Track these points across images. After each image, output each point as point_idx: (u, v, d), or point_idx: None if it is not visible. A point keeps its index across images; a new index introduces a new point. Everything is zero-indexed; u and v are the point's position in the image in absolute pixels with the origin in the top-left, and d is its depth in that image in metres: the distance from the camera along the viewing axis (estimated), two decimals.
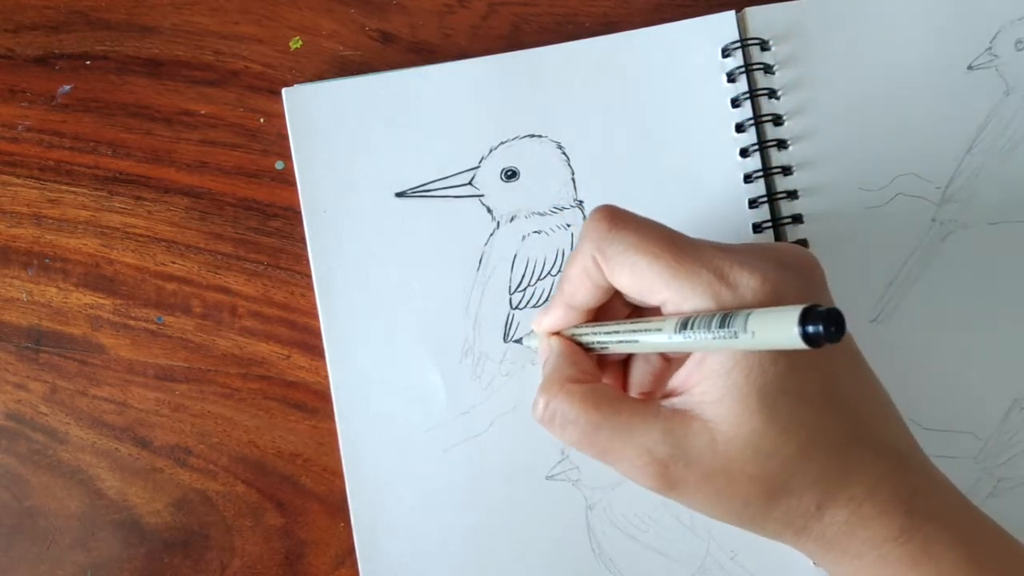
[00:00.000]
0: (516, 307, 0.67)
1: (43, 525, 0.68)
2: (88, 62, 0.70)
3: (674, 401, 0.52)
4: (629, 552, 0.66)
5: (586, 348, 0.58)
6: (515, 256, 0.67)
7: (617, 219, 0.53)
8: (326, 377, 0.68)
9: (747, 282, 0.49)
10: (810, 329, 0.41)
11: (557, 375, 0.55)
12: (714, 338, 0.47)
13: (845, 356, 0.54)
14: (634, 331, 0.53)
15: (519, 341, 0.68)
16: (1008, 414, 0.66)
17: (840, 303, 0.65)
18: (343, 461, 0.67)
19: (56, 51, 0.70)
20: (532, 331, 0.62)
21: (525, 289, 0.67)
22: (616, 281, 0.53)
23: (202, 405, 0.69)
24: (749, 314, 0.45)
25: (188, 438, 0.69)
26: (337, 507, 0.68)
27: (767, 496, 0.50)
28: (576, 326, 0.58)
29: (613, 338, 0.55)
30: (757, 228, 0.66)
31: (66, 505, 0.68)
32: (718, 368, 0.50)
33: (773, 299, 0.49)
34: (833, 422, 0.51)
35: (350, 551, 0.67)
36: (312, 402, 0.69)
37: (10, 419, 0.69)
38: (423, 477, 0.67)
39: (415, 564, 0.66)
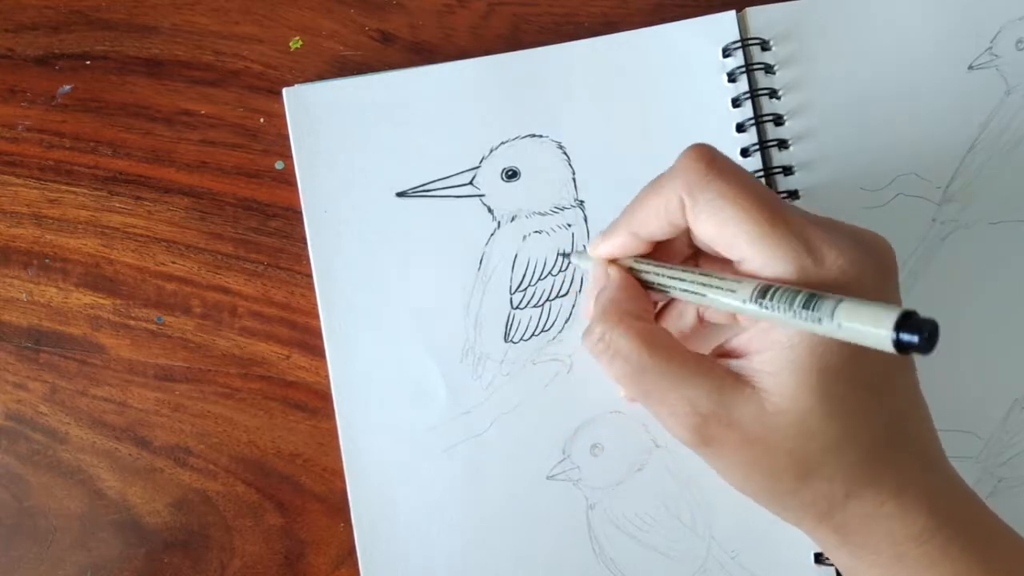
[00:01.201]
0: (517, 307, 0.67)
1: (43, 525, 0.68)
2: (88, 62, 0.70)
3: (731, 363, 0.52)
4: (630, 552, 0.66)
5: (644, 284, 0.57)
6: (516, 256, 0.67)
7: (716, 163, 0.52)
8: (326, 377, 0.68)
9: (835, 260, 0.49)
10: (904, 337, 0.41)
11: (617, 307, 0.54)
12: (794, 316, 0.46)
13: (900, 359, 0.53)
14: (705, 284, 0.52)
15: (567, 255, 0.68)
16: (1009, 414, 0.66)
17: None
18: (344, 461, 0.67)
19: (56, 51, 0.70)
20: (581, 251, 0.61)
21: (526, 289, 0.67)
22: (698, 226, 0.52)
23: (202, 405, 0.69)
24: (840, 302, 0.44)
25: (188, 438, 0.69)
26: (337, 507, 0.68)
27: (800, 475, 0.50)
28: (637, 259, 0.57)
29: (679, 284, 0.54)
30: None
31: (66, 505, 0.68)
32: (784, 340, 0.49)
33: (856, 282, 0.49)
34: (878, 416, 0.51)
35: (350, 551, 0.67)
36: (312, 402, 0.69)
37: (10, 419, 0.69)
38: (424, 477, 0.67)
39: (416, 564, 0.66)
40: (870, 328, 0.43)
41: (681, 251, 0.58)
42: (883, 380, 0.51)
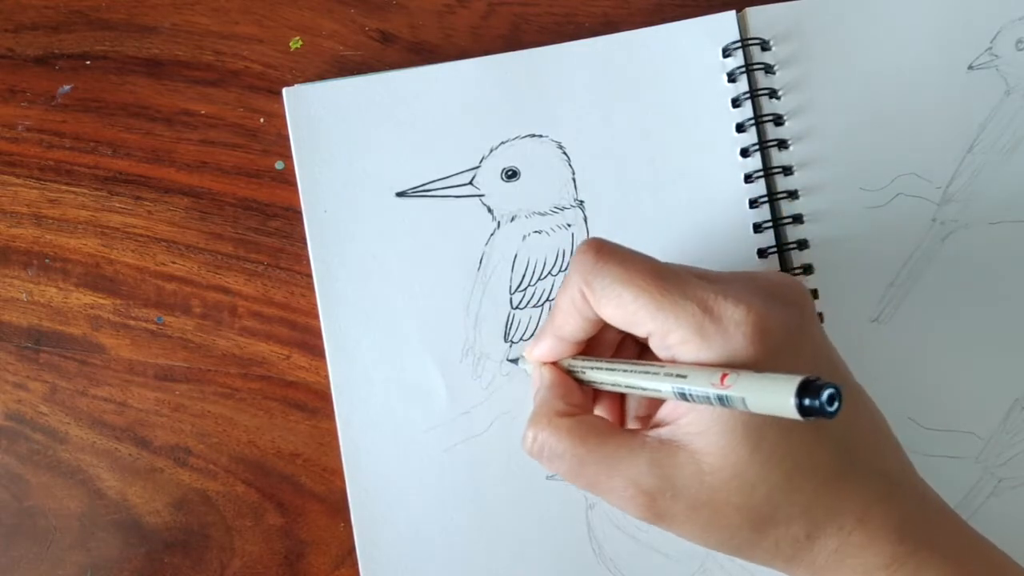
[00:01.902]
0: (517, 307, 0.67)
1: (43, 525, 0.68)
2: (88, 62, 0.70)
3: (661, 432, 0.52)
4: (629, 552, 0.66)
5: (577, 377, 0.58)
6: (516, 256, 0.67)
7: (603, 252, 0.53)
8: (326, 377, 0.68)
9: (731, 314, 0.50)
10: (806, 402, 0.42)
11: (546, 408, 0.56)
12: (713, 408, 0.48)
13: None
14: (630, 380, 0.53)
15: (515, 361, 0.68)
16: (1009, 413, 0.66)
17: (841, 303, 0.65)
18: (343, 461, 0.67)
19: (56, 51, 0.70)
20: (524, 356, 0.62)
21: (525, 289, 0.67)
22: (603, 313, 0.53)
23: (202, 405, 0.69)
24: (744, 397, 0.45)
25: (188, 438, 0.69)
26: (337, 507, 0.68)
27: (754, 526, 0.50)
28: (572, 358, 0.58)
29: (606, 378, 0.55)
30: (757, 228, 0.66)
31: (66, 505, 0.68)
32: None
33: (758, 331, 0.49)
34: (821, 452, 0.51)
35: (350, 551, 0.67)
36: (312, 402, 0.69)
37: (10, 419, 0.69)
38: (424, 477, 0.67)
39: (416, 564, 0.67)
40: (775, 405, 0.43)
41: (611, 341, 0.59)
42: (819, 424, 0.52)
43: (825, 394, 0.42)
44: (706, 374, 0.48)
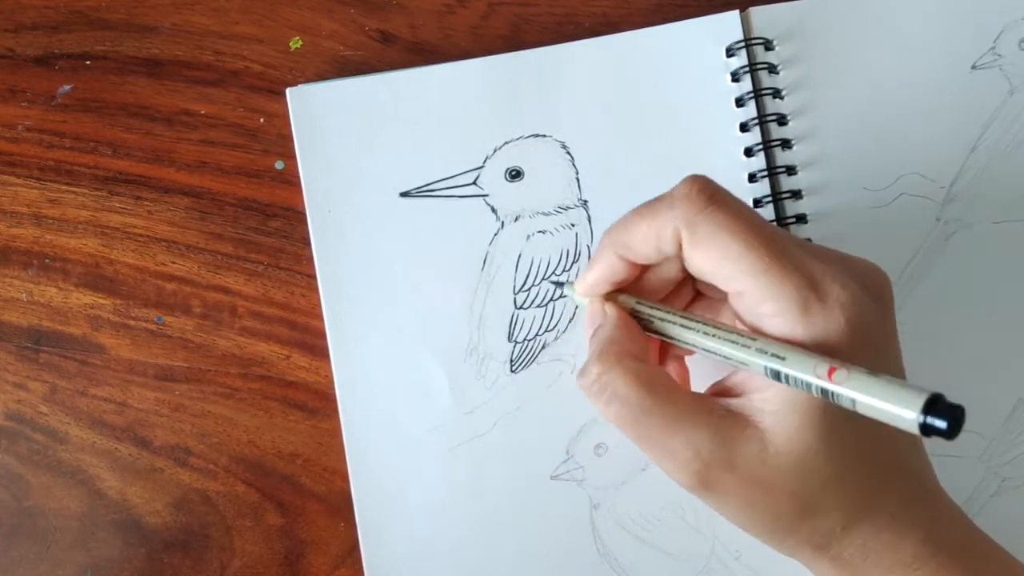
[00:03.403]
0: (520, 307, 0.67)
1: (43, 525, 0.68)
2: (88, 62, 0.70)
3: (731, 402, 0.51)
4: (634, 552, 0.66)
5: (643, 325, 0.55)
6: (519, 256, 0.67)
7: (716, 196, 0.51)
8: (326, 377, 0.68)
9: (838, 295, 0.48)
10: (931, 421, 0.41)
11: (616, 347, 0.53)
12: (812, 394, 0.47)
13: None
14: (715, 345, 0.51)
15: (560, 284, 0.67)
16: (1013, 413, 0.66)
17: None
18: (348, 461, 0.67)
19: (56, 51, 0.70)
20: (571, 283, 0.60)
21: (529, 289, 0.67)
22: (695, 259, 0.51)
23: (202, 405, 0.69)
24: (854, 399, 0.44)
25: (188, 438, 0.69)
26: (337, 507, 0.68)
27: (799, 513, 0.50)
28: (639, 302, 0.55)
29: (688, 336, 0.53)
30: None
31: (66, 505, 0.68)
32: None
33: (859, 319, 0.48)
34: (872, 449, 0.50)
35: (350, 551, 0.68)
36: (312, 402, 0.69)
37: (10, 419, 0.68)
38: (427, 477, 0.67)
39: (419, 563, 0.67)
40: (895, 413, 0.43)
41: (671, 276, 0.56)
42: (879, 426, 0.51)
43: (950, 415, 0.41)
44: (810, 361, 0.47)
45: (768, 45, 0.67)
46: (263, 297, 0.69)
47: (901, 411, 0.42)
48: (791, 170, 0.67)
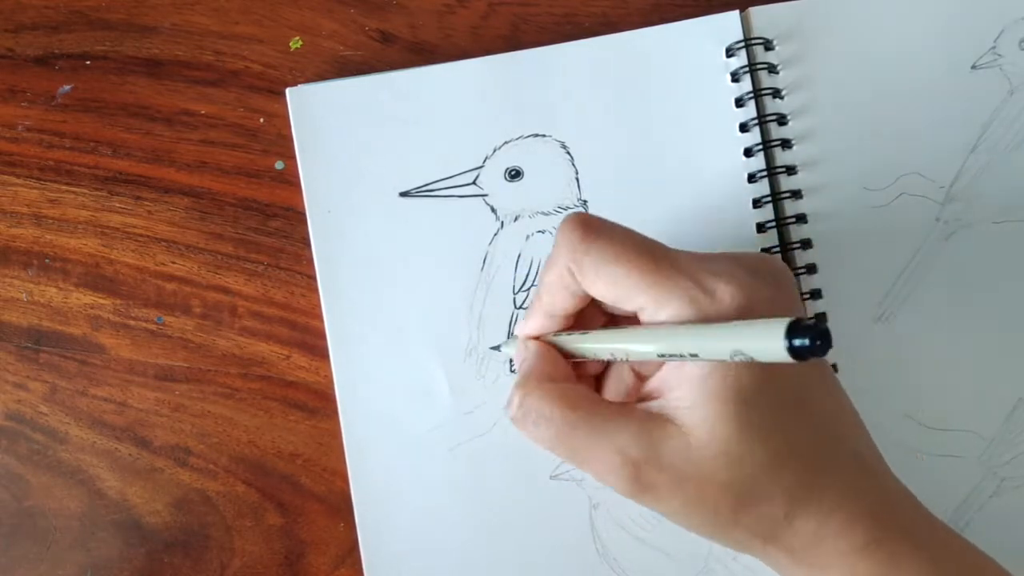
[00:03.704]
0: (520, 307, 0.67)
1: (43, 525, 0.68)
2: (88, 62, 0.70)
3: (650, 405, 0.52)
4: (633, 551, 0.66)
5: (566, 355, 0.57)
6: (519, 256, 0.67)
7: (591, 229, 0.52)
8: (326, 377, 0.68)
9: (725, 289, 0.49)
10: (796, 342, 0.41)
11: (534, 373, 0.55)
12: (697, 357, 0.47)
13: (817, 369, 0.54)
14: (617, 341, 0.52)
15: (497, 348, 0.68)
16: (1012, 413, 0.66)
17: (843, 302, 0.65)
18: (347, 461, 0.67)
19: (56, 51, 0.70)
20: (507, 340, 0.63)
21: (529, 289, 0.67)
22: (592, 290, 0.52)
23: (202, 405, 0.69)
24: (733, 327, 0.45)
25: (188, 438, 0.69)
26: (337, 507, 0.68)
27: (737, 502, 0.50)
28: (556, 333, 0.57)
29: (594, 345, 0.54)
30: (761, 228, 0.66)
31: (66, 505, 0.68)
32: (696, 373, 0.50)
33: (747, 307, 0.49)
34: (805, 432, 0.51)
35: (350, 551, 0.68)
36: (312, 402, 0.69)
37: (10, 419, 0.68)
38: (427, 476, 0.67)
39: (419, 563, 0.67)
40: (766, 344, 0.43)
41: (598, 317, 0.58)
42: (806, 397, 0.52)
43: (814, 330, 0.42)
44: (686, 327, 0.48)
45: (768, 45, 0.67)
46: (263, 297, 0.69)
47: (769, 343, 0.43)
48: (791, 170, 0.67)
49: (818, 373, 0.54)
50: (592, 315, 0.58)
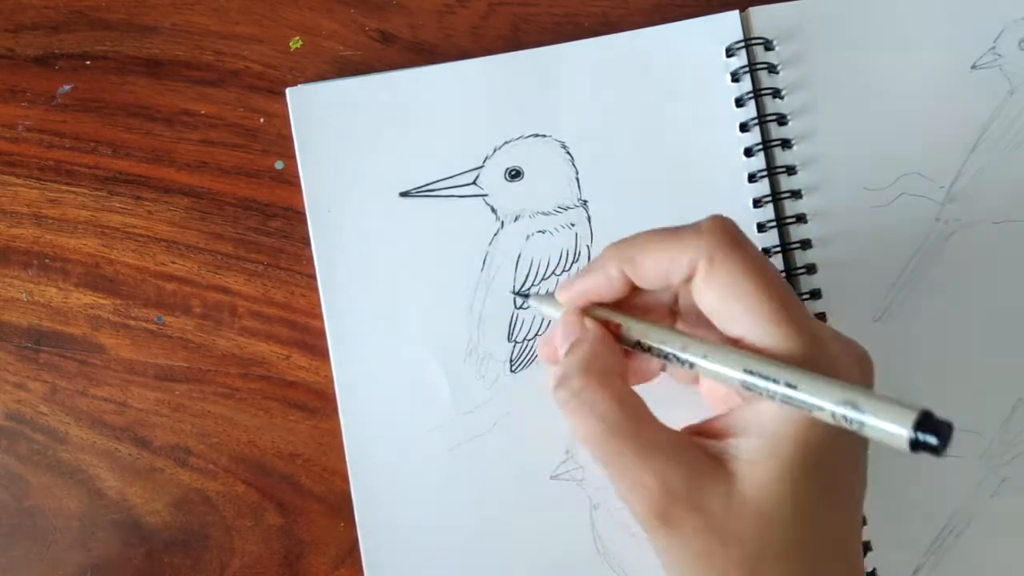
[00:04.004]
0: (520, 307, 0.67)
1: (43, 525, 0.68)
2: (88, 62, 0.70)
3: (707, 443, 0.50)
4: (633, 551, 0.66)
5: (619, 338, 0.54)
6: (519, 256, 0.67)
7: (741, 237, 0.51)
8: (326, 377, 0.68)
9: (843, 360, 0.49)
10: (921, 436, 0.41)
11: (599, 363, 0.52)
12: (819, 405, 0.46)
13: (863, 466, 0.53)
14: (697, 354, 0.50)
15: (526, 295, 0.67)
16: (1013, 413, 0.66)
17: (844, 302, 0.66)
18: (348, 461, 0.67)
19: (56, 51, 0.70)
20: (544, 295, 0.60)
21: (529, 289, 0.67)
22: (706, 293, 0.51)
23: (202, 405, 0.69)
24: (859, 393, 0.44)
25: (188, 438, 0.69)
26: (337, 507, 0.68)
27: (747, 572, 0.48)
28: (620, 314, 0.55)
29: (667, 347, 0.52)
30: (761, 228, 0.66)
31: (66, 505, 0.68)
32: (773, 432, 0.48)
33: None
34: (834, 526, 0.50)
35: (350, 551, 0.68)
36: (312, 402, 0.69)
37: (10, 419, 0.68)
38: (427, 477, 0.67)
39: (419, 563, 0.67)
40: (887, 423, 0.43)
41: (656, 304, 0.56)
42: (848, 489, 0.51)
43: (944, 432, 0.41)
44: (821, 381, 0.46)
45: (768, 45, 0.67)
46: (263, 297, 0.69)
47: (892, 426, 0.42)
48: (791, 170, 0.67)
49: (861, 477, 0.53)
50: (654, 305, 0.56)
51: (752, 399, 0.49)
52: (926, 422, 0.41)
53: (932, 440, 0.41)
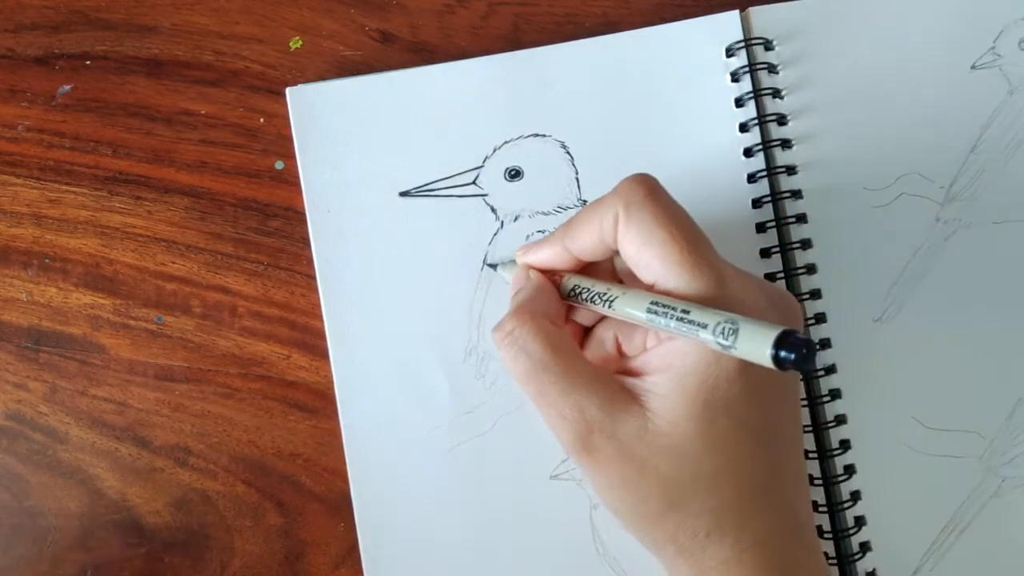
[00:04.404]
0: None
1: (43, 525, 0.68)
2: (88, 62, 0.70)
3: (626, 380, 0.53)
4: (633, 551, 0.65)
5: (562, 294, 0.58)
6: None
7: (655, 191, 0.54)
8: (326, 377, 0.68)
9: (743, 298, 0.51)
10: (783, 353, 0.44)
11: (532, 306, 0.56)
12: (680, 325, 0.49)
13: (790, 409, 0.55)
14: (612, 294, 0.54)
15: (493, 266, 0.68)
16: (1013, 413, 0.66)
17: (844, 302, 0.65)
18: (347, 461, 0.67)
19: (56, 51, 0.70)
20: (506, 263, 0.65)
21: None
22: (625, 244, 0.53)
23: (202, 405, 0.69)
24: (727, 318, 0.47)
25: (188, 438, 0.69)
26: (337, 507, 0.68)
27: (668, 500, 0.51)
28: (570, 275, 0.59)
29: (592, 291, 0.56)
30: (761, 228, 0.66)
31: (66, 505, 0.68)
32: (678, 368, 0.51)
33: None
34: (755, 462, 0.52)
35: (350, 551, 0.67)
36: (312, 402, 0.69)
37: (10, 419, 0.68)
38: (427, 477, 0.67)
39: (419, 563, 0.66)
40: (754, 342, 0.45)
41: (604, 277, 0.59)
42: (769, 428, 0.53)
43: (802, 344, 0.44)
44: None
45: (768, 45, 0.67)
46: (263, 297, 0.69)
47: (757, 345, 0.45)
48: (791, 170, 0.67)
49: (789, 414, 0.55)
50: (602, 274, 0.59)
51: (665, 340, 0.53)
52: (788, 340, 0.44)
53: (791, 356, 0.43)
